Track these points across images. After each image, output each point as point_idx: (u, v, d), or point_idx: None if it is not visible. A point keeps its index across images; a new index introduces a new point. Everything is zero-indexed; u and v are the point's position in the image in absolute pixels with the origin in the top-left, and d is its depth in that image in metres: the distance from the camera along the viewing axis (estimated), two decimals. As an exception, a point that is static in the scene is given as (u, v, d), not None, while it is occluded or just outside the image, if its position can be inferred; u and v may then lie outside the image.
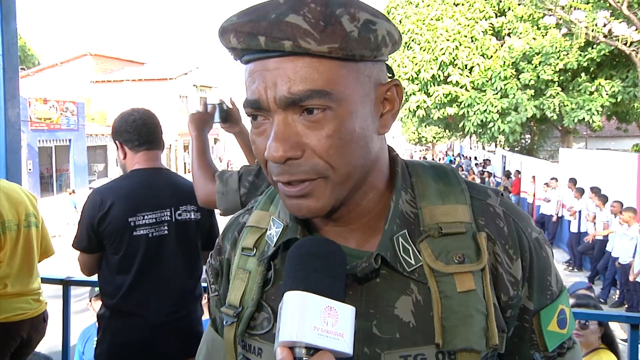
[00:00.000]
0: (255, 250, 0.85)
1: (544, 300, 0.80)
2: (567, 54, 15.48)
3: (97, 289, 3.04)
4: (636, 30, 12.89)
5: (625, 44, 13.25)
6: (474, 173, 21.47)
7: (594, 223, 10.15)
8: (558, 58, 15.66)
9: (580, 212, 10.72)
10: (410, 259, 0.74)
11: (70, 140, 26.49)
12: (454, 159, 35.56)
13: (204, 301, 2.67)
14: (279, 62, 0.67)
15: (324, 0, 0.67)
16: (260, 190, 1.84)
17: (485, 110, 16.85)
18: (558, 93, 16.02)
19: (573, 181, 11.88)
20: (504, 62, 17.01)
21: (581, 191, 10.85)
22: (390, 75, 0.78)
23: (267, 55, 0.68)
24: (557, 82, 16.25)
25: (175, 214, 2.35)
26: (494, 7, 18.43)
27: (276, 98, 0.67)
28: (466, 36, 17.76)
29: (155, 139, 2.38)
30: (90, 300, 3.69)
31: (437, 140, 42.89)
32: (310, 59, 0.67)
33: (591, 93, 15.72)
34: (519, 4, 17.19)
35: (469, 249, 0.74)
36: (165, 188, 2.34)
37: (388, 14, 19.68)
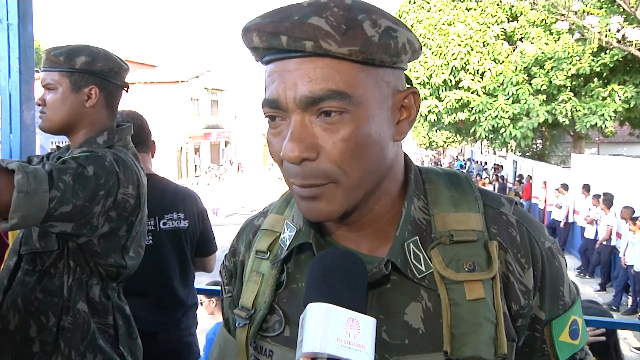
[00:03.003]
0: (269, 253, 0.86)
1: (556, 310, 0.80)
2: (580, 59, 15.37)
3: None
4: (650, 35, 12.78)
5: (639, 49, 13.14)
6: (481, 178, 21.35)
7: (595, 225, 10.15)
8: (570, 63, 15.55)
9: (597, 219, 10.59)
10: (421, 266, 0.74)
11: (82, 142, 26.62)
12: (464, 164, 35.38)
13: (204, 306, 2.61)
14: (299, 62, 0.68)
15: (346, 6, 0.69)
16: (82, 198, 1.46)
17: (496, 116, 16.77)
18: (570, 98, 15.91)
19: (587, 187, 11.78)
20: (516, 67, 16.92)
21: (598, 197, 10.74)
22: (408, 83, 0.79)
23: (288, 56, 0.69)
24: (569, 88, 16.13)
25: (160, 223, 2.27)
26: (506, 12, 18.35)
27: (296, 98, 0.68)
28: (478, 41, 17.69)
29: (139, 141, 2.19)
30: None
31: (447, 145, 42.76)
32: (330, 60, 0.68)
33: (604, 98, 15.59)
34: (531, 9, 17.10)
35: (480, 257, 0.75)
36: (149, 196, 2.09)
37: (400, 18, 19.60)
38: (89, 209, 1.52)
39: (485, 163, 31.14)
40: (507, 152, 27.56)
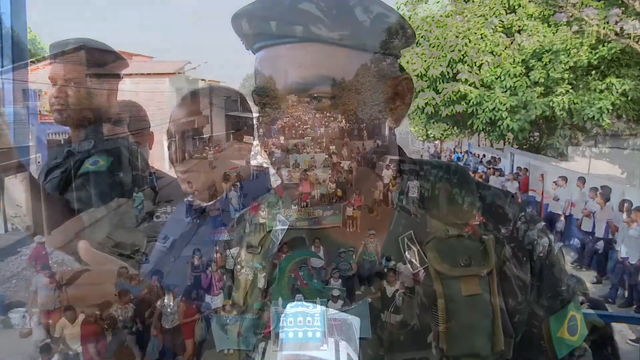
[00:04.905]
0: (260, 248, 0.84)
1: (554, 306, 0.78)
2: (578, 51, 15.34)
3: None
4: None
5: (637, 42, 13.12)
6: (475, 172, 21.32)
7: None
8: (568, 56, 15.53)
9: (595, 212, 10.58)
10: (416, 261, 0.73)
11: (78, 133, 26.59)
12: (462, 157, 35.36)
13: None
14: (289, 48, 0.67)
15: None
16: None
17: (494, 108, 16.76)
18: (568, 91, 15.90)
19: (582, 180, 11.80)
20: (514, 59, 16.89)
21: (596, 190, 10.75)
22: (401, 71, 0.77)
23: (278, 42, 0.68)
24: (567, 80, 16.12)
25: (153, 217, 2.20)
26: (504, 4, 18.30)
27: (286, 85, 0.68)
28: (476, 33, 17.65)
29: (137, 132, 2.18)
30: None
31: (445, 138, 42.71)
32: (321, 46, 0.66)
33: (602, 91, 15.58)
34: (529, 1, 17.05)
35: (476, 252, 0.73)
36: None
37: (397, 10, 19.58)
38: None
39: (484, 156, 31.11)
40: (504, 144, 27.57)
